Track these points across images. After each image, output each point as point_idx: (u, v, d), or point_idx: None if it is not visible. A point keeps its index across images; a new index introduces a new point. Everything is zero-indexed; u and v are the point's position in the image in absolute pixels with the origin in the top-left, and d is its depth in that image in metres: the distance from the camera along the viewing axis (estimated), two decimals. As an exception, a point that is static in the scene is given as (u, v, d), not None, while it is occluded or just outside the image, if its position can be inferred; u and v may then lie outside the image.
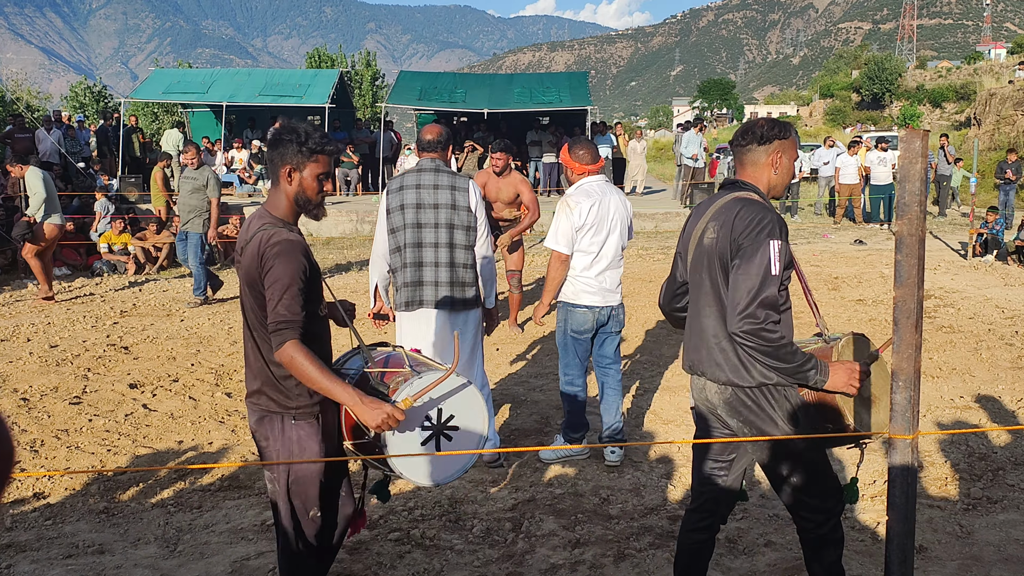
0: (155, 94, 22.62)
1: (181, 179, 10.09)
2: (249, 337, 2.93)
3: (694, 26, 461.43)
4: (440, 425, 2.91)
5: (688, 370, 3.13)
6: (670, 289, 3.27)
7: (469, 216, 4.70)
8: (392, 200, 4.70)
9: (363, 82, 45.37)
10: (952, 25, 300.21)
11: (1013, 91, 28.98)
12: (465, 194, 4.70)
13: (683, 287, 3.21)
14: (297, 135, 2.89)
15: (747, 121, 3.12)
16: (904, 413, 2.34)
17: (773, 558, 3.85)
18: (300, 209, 2.94)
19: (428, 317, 4.69)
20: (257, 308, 2.85)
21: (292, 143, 2.88)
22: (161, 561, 3.91)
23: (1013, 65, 49.26)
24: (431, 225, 4.66)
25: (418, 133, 4.97)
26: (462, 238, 4.70)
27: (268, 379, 2.89)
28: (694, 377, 3.10)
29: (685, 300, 3.21)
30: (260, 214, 2.94)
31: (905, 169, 2.29)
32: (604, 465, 4.96)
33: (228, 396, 6.43)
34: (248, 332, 2.93)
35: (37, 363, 7.31)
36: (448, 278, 4.67)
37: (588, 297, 4.95)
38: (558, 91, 21.85)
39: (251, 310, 2.88)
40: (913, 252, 2.26)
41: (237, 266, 2.94)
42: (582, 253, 4.93)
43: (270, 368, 2.88)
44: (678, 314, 3.28)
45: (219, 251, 13.93)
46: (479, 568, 3.80)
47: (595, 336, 5.09)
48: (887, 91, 64.87)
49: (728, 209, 2.93)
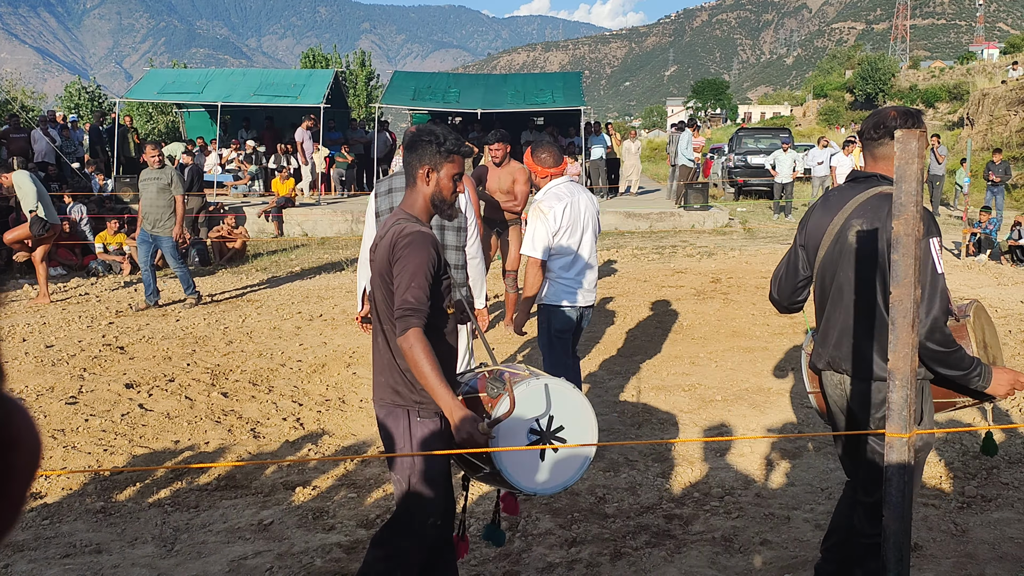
0: (150, 94, 22.59)
1: (143, 180, 9.65)
2: (379, 331, 2.96)
3: (688, 26, 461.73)
4: (548, 434, 2.91)
5: (824, 367, 3.10)
6: (790, 282, 3.27)
7: (459, 217, 4.65)
8: (381, 203, 4.65)
9: (358, 82, 45.32)
10: (945, 25, 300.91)
11: (1006, 91, 29.07)
12: None
13: (805, 281, 3.23)
14: (435, 137, 2.96)
15: (877, 112, 3.07)
16: (900, 412, 2.35)
17: (769, 556, 3.87)
18: (435, 209, 3.01)
19: None
20: (389, 301, 2.87)
21: (431, 144, 2.95)
22: (158, 560, 3.91)
23: (1006, 65, 49.40)
24: None
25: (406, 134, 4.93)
26: (452, 239, 4.66)
27: (396, 372, 2.91)
28: (829, 373, 3.09)
29: (806, 294, 3.25)
30: (395, 213, 3.00)
31: (901, 169, 2.30)
32: (600, 465, 4.97)
33: (224, 396, 6.43)
34: (379, 326, 2.96)
35: (33, 363, 7.30)
36: None
37: (569, 297, 5.01)
38: (552, 91, 21.88)
39: (382, 303, 2.91)
40: (909, 251, 2.28)
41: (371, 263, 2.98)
42: (560, 255, 4.97)
43: (398, 361, 2.89)
44: (796, 307, 3.34)
45: (213, 252, 13.92)
46: (476, 567, 3.81)
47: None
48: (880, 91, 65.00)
49: (876, 206, 2.90)
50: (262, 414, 6.04)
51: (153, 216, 9.53)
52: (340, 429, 5.76)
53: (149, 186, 9.53)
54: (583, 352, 7.63)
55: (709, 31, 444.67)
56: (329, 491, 4.70)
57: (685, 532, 4.10)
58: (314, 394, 6.49)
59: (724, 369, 7.00)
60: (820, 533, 4.06)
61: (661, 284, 10.74)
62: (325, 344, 7.97)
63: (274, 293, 10.71)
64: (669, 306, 9.37)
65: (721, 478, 4.78)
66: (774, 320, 8.65)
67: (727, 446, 5.23)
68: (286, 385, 6.72)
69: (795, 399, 6.17)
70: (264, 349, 7.77)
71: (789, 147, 19.91)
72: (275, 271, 12.60)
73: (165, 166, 9.71)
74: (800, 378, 6.68)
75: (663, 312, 9.10)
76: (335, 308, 9.56)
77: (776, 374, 6.83)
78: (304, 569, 3.78)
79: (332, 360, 7.40)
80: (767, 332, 8.19)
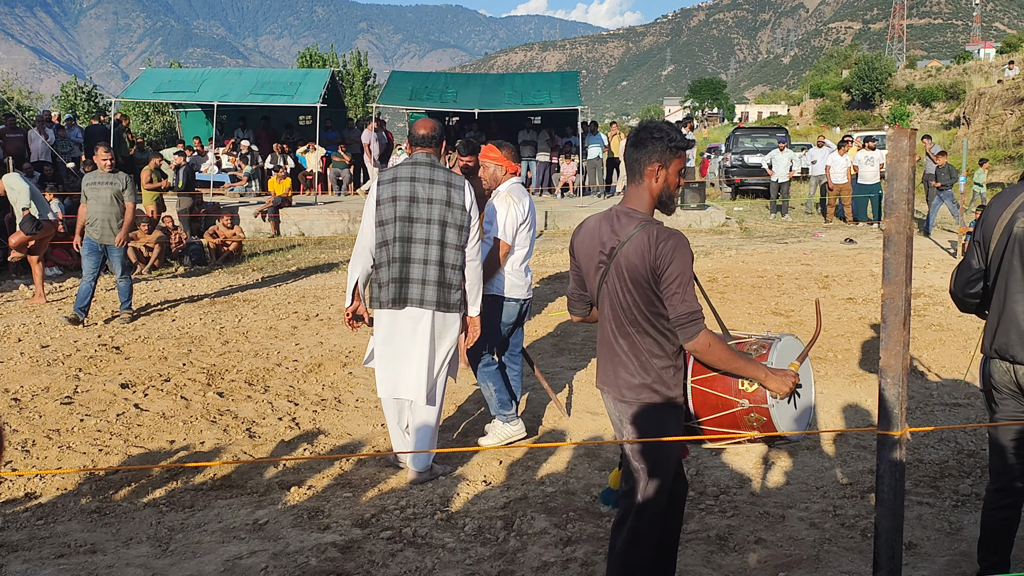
0: (146, 94, 22.57)
1: (91, 185, 8.89)
2: (620, 335, 2.99)
3: (685, 26, 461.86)
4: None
5: (995, 354, 3.27)
6: (964, 275, 3.42)
7: (463, 215, 4.54)
8: (383, 191, 4.51)
9: (354, 82, 45.32)
10: (942, 25, 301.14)
11: (1002, 90, 29.11)
12: (461, 192, 4.55)
13: (977, 274, 3.36)
14: (665, 133, 2.98)
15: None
16: (893, 410, 2.36)
17: (764, 555, 3.87)
18: (660, 204, 3.04)
19: (411, 316, 4.56)
20: (640, 305, 2.91)
21: (660, 141, 2.96)
22: (153, 560, 3.91)
23: (1002, 64, 49.44)
24: (423, 220, 4.49)
25: (410, 127, 4.75)
26: (454, 237, 4.53)
27: (652, 373, 2.96)
28: (998, 361, 3.26)
29: (979, 287, 3.38)
30: (623, 212, 2.99)
31: (893, 167, 2.31)
32: (595, 464, 4.97)
33: (220, 396, 6.42)
34: (620, 330, 2.99)
35: (28, 363, 7.29)
36: (436, 277, 4.52)
37: (519, 291, 5.20)
38: (549, 91, 21.88)
39: (631, 307, 2.94)
40: (901, 249, 2.29)
41: (606, 265, 2.99)
42: (519, 247, 5.17)
43: (654, 361, 2.95)
44: (970, 300, 3.45)
45: (210, 251, 13.91)
46: (471, 566, 3.81)
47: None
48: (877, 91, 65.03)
49: None
50: (258, 414, 6.04)
51: (103, 224, 8.88)
52: (336, 429, 5.75)
53: (102, 191, 8.86)
54: (580, 351, 7.63)
55: (706, 31, 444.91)
56: (324, 491, 4.70)
57: (680, 531, 4.10)
58: (310, 394, 6.49)
59: (720, 368, 6.99)
60: (815, 531, 4.07)
61: (657, 283, 10.72)
62: (321, 344, 7.97)
63: (270, 293, 10.70)
64: (665, 305, 9.36)
65: (716, 477, 4.79)
66: (770, 319, 8.65)
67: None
68: (282, 385, 6.71)
69: (790, 398, 6.17)
70: (260, 349, 7.76)
71: (786, 146, 19.93)
72: (271, 271, 12.60)
73: (118, 170, 9.14)
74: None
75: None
76: (331, 308, 9.55)
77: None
78: (299, 569, 3.78)
79: (328, 360, 7.40)
80: (764, 331, 8.18)
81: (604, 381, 3.09)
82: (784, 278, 11.00)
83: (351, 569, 3.78)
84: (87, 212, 8.91)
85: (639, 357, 2.96)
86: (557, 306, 9.51)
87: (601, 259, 2.99)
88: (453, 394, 6.38)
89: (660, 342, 2.94)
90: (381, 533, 4.12)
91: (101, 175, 8.93)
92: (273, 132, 22.21)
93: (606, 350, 3.06)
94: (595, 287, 3.05)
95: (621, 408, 3.03)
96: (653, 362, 2.95)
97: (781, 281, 10.78)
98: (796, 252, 13.64)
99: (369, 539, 4.07)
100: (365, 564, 3.83)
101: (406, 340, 4.59)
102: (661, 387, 2.96)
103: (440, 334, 4.62)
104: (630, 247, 2.89)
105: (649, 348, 2.95)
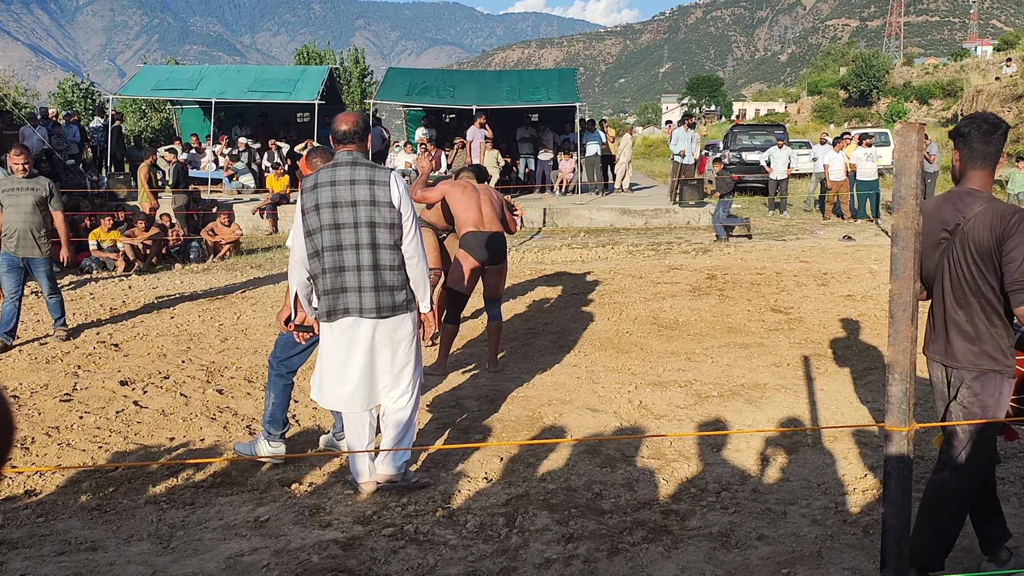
0: (143, 91, 22.52)
1: (8, 191, 7.83)
2: (960, 306, 3.29)
3: (682, 23, 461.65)
4: None
5: None
6: None
7: (392, 212, 4.27)
8: (307, 200, 4.27)
9: (352, 79, 45.29)
10: (939, 22, 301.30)
11: (1000, 88, 29.13)
12: (386, 188, 4.28)
13: None
14: (1007, 128, 3.33)
15: None
16: (900, 405, 2.35)
17: (766, 552, 3.87)
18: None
19: (353, 327, 4.33)
20: (986, 275, 3.19)
21: (1005, 135, 3.29)
22: (154, 558, 3.90)
23: (999, 62, 49.52)
24: (350, 225, 4.23)
25: (332, 124, 4.42)
26: (386, 237, 4.27)
27: (992, 342, 3.25)
28: None
29: None
30: (967, 192, 3.30)
31: (901, 163, 2.30)
32: (596, 461, 4.96)
33: (219, 393, 6.41)
34: (961, 300, 3.28)
35: (27, 360, 7.27)
36: (372, 282, 4.27)
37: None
38: (547, 88, 21.85)
39: (975, 278, 3.23)
40: (909, 245, 2.28)
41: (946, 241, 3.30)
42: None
43: (993, 330, 3.25)
44: None
45: (208, 248, 13.89)
46: (473, 563, 3.80)
47: None
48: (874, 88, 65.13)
49: None
50: (257, 411, 6.02)
51: (23, 236, 7.84)
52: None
53: (21, 199, 7.80)
54: (579, 349, 7.62)
55: (704, 28, 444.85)
56: (325, 487, 4.69)
57: (682, 528, 4.10)
58: (309, 390, 6.47)
59: (720, 365, 7.00)
60: (817, 528, 4.07)
61: (656, 280, 10.74)
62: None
63: (269, 290, 10.68)
64: (664, 302, 9.37)
65: (717, 474, 4.78)
66: (769, 316, 8.65)
67: (723, 441, 5.23)
68: (281, 382, 6.69)
69: (791, 395, 6.18)
70: (259, 346, 7.75)
71: (784, 144, 19.91)
72: (270, 268, 12.58)
73: (37, 175, 8.06)
74: (795, 374, 6.69)
75: (659, 308, 9.10)
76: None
77: (772, 370, 6.83)
78: (301, 566, 3.77)
79: (327, 357, 7.37)
80: (763, 328, 8.19)
81: (936, 351, 3.41)
82: (783, 275, 10.99)
83: (353, 566, 3.77)
84: (3, 222, 7.87)
85: (978, 326, 3.25)
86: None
87: (943, 236, 3.29)
88: (453, 393, 6.37)
89: (1001, 312, 3.24)
90: (383, 530, 4.11)
91: (19, 180, 7.87)
92: (271, 129, 22.16)
93: (941, 321, 3.37)
94: (932, 264, 3.34)
95: (956, 375, 3.33)
96: (992, 331, 3.25)
97: (780, 278, 10.78)
98: (795, 249, 13.64)
99: (371, 536, 4.05)
100: (367, 561, 3.81)
101: (344, 351, 4.38)
102: (1000, 355, 3.25)
103: (386, 340, 4.39)
104: (976, 222, 3.18)
105: (989, 318, 3.24)
